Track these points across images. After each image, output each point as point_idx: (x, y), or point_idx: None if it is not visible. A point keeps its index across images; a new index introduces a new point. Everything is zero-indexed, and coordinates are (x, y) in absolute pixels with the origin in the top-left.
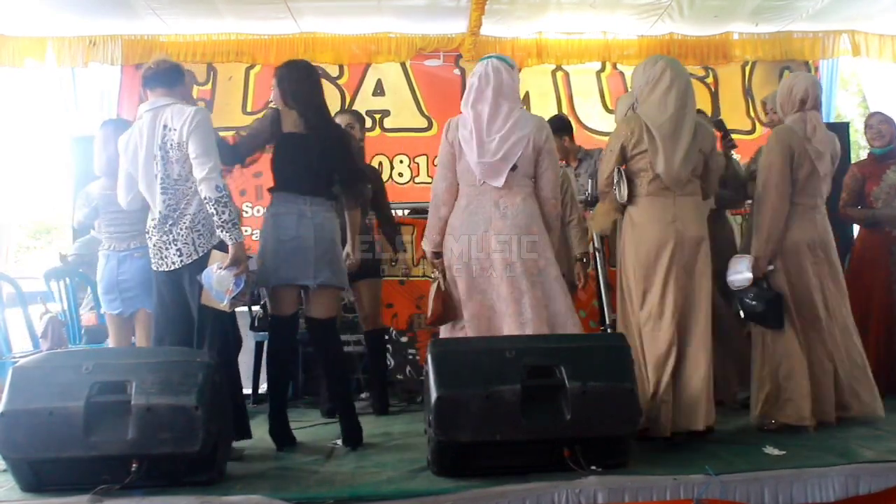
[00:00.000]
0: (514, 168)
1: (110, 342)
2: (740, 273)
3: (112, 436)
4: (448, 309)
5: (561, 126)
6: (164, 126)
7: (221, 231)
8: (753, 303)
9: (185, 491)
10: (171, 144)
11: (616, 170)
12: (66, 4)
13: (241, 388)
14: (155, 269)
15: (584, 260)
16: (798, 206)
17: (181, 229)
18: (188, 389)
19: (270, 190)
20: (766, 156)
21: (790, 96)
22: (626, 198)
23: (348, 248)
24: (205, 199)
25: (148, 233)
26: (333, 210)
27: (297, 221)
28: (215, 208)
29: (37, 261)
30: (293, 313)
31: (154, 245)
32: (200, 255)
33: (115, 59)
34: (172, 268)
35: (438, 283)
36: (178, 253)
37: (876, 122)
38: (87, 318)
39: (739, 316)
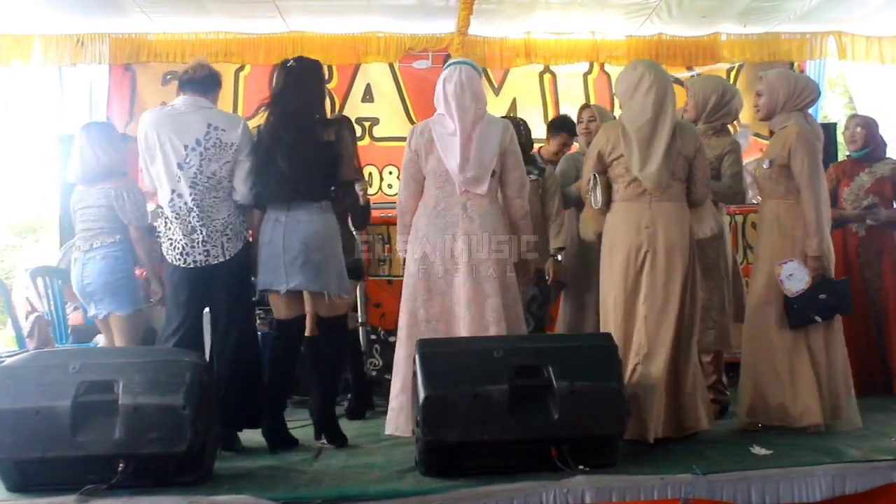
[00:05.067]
0: (492, 174)
1: (102, 343)
2: (799, 280)
3: (99, 435)
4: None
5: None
6: (209, 124)
7: None
8: (829, 302)
9: (172, 491)
10: (215, 142)
11: (592, 176)
12: (53, 2)
13: (263, 381)
14: (172, 261)
15: (558, 257)
16: None
17: (212, 231)
18: (176, 389)
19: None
20: (804, 154)
21: (801, 94)
22: (599, 204)
23: None
24: (244, 206)
25: (162, 225)
26: (322, 213)
27: (272, 227)
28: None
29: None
30: (295, 317)
31: (172, 239)
32: (227, 258)
33: (102, 58)
34: (193, 265)
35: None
36: (206, 253)
37: (852, 126)
38: (74, 317)
39: (810, 321)
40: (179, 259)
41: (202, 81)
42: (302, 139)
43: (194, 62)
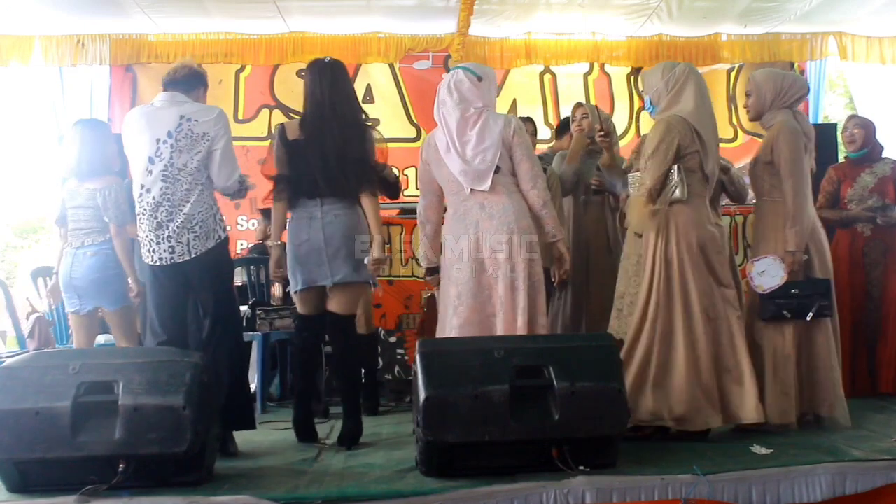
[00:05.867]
0: (497, 170)
1: (74, 342)
2: (773, 276)
3: (99, 436)
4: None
5: None
6: (182, 116)
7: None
8: (803, 299)
9: (172, 491)
10: (186, 133)
11: (677, 167)
12: (53, 2)
13: (247, 382)
14: (143, 259)
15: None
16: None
17: (178, 227)
18: (176, 389)
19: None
20: (785, 145)
21: (788, 91)
22: (686, 195)
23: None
24: (234, 193)
25: (140, 222)
26: (352, 207)
27: (308, 224)
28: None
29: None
30: (319, 313)
31: (144, 236)
32: (192, 256)
33: (103, 59)
34: (159, 263)
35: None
36: (171, 250)
37: (850, 127)
38: None
39: (781, 317)
40: (148, 256)
41: (183, 80)
42: (339, 136)
43: (177, 63)
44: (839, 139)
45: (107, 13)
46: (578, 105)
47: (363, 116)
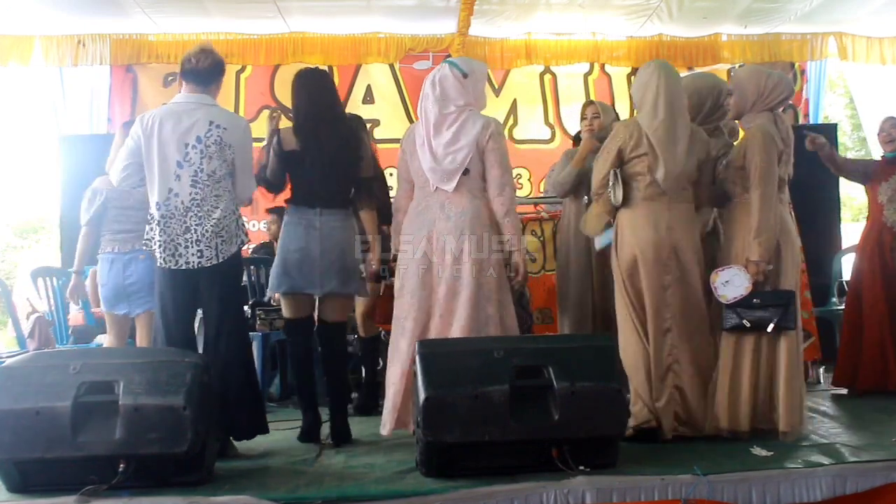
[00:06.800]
0: (465, 172)
1: (108, 340)
2: (737, 286)
3: (99, 436)
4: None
5: None
6: (212, 122)
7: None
8: (764, 310)
9: (172, 491)
10: (216, 140)
11: (612, 172)
12: (53, 2)
13: (258, 385)
14: (162, 265)
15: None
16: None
17: (206, 230)
18: (176, 389)
19: (286, 201)
20: (758, 152)
21: (771, 93)
22: (620, 200)
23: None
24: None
25: (154, 223)
26: (349, 218)
27: (305, 232)
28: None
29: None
30: (306, 316)
31: (164, 241)
32: (220, 260)
33: (103, 59)
34: (185, 267)
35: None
36: (199, 254)
37: (888, 127)
38: (75, 317)
39: (742, 328)
40: (171, 260)
41: (205, 73)
42: (333, 147)
43: (197, 48)
44: (838, 139)
45: (107, 13)
46: (590, 103)
47: (355, 121)
